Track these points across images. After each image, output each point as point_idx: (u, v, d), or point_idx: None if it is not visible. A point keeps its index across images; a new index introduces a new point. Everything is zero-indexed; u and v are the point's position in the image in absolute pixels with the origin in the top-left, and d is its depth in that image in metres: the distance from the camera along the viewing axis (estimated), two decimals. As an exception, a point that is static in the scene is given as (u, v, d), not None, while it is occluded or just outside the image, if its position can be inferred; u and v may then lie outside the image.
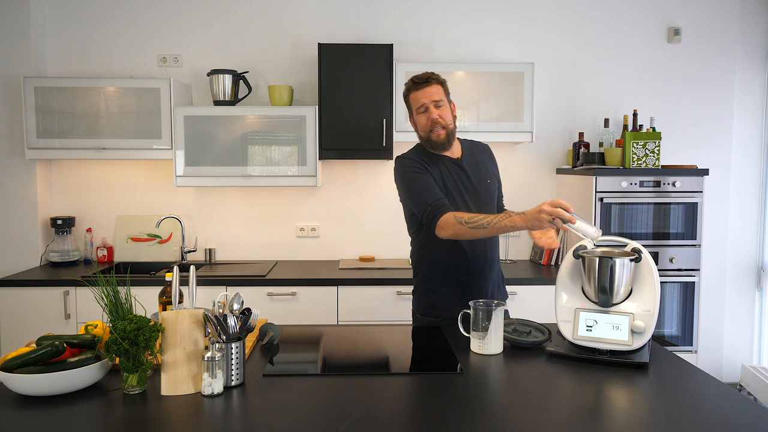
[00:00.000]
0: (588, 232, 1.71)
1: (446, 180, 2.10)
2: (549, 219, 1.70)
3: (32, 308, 3.02)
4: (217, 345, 1.48)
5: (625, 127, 3.47)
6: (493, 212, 2.17)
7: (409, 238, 2.25)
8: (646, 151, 3.27)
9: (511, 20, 3.61)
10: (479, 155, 2.22)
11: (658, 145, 3.26)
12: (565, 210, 1.69)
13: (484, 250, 2.14)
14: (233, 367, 1.50)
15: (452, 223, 1.91)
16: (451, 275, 2.13)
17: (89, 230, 3.59)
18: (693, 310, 3.28)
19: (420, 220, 2.06)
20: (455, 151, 2.17)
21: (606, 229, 3.22)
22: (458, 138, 2.21)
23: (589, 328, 1.72)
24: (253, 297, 3.04)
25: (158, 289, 1.91)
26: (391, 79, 3.27)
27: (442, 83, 2.11)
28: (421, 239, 2.18)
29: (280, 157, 3.29)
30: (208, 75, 3.41)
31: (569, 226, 1.69)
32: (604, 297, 1.73)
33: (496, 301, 1.77)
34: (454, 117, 2.13)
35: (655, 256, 3.23)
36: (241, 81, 3.46)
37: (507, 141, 3.42)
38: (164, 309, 1.76)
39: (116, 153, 3.27)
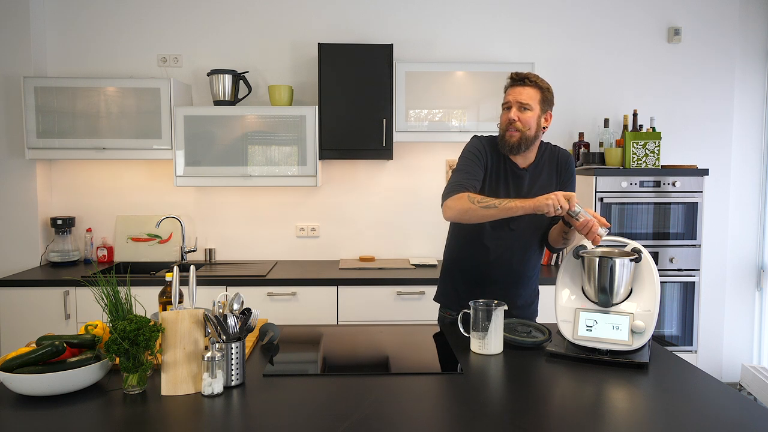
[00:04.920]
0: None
1: (500, 183, 2.04)
2: (554, 206, 1.71)
3: (32, 308, 3.02)
4: (217, 345, 1.48)
5: (625, 127, 3.47)
6: (534, 233, 2.11)
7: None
8: (646, 151, 3.27)
9: (511, 20, 3.61)
10: (547, 167, 2.09)
11: (658, 145, 3.26)
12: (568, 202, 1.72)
13: (509, 259, 2.08)
14: (233, 367, 1.50)
15: (463, 201, 1.86)
16: (471, 273, 2.13)
17: (89, 230, 3.59)
18: (693, 310, 3.28)
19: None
20: (526, 160, 2.06)
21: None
22: (544, 142, 2.11)
23: (589, 328, 1.72)
24: (253, 297, 3.04)
25: (158, 289, 1.91)
26: (391, 79, 3.27)
27: (542, 89, 2.01)
28: (453, 231, 2.20)
29: (280, 157, 3.29)
30: (208, 75, 3.41)
31: (571, 214, 1.73)
32: (604, 297, 1.73)
33: (496, 301, 1.77)
34: (542, 127, 2.02)
35: (655, 256, 3.23)
36: (241, 81, 3.46)
37: (507, 141, 3.41)
38: (164, 309, 1.76)
39: (116, 153, 3.27)
